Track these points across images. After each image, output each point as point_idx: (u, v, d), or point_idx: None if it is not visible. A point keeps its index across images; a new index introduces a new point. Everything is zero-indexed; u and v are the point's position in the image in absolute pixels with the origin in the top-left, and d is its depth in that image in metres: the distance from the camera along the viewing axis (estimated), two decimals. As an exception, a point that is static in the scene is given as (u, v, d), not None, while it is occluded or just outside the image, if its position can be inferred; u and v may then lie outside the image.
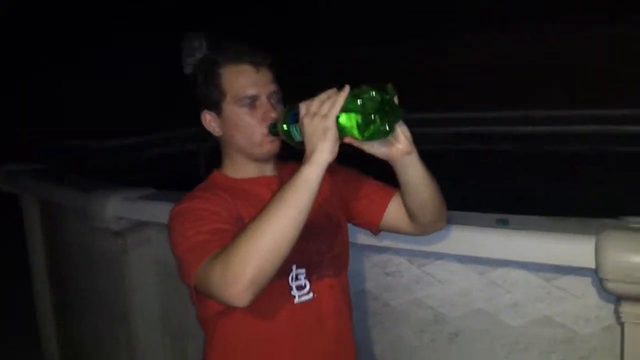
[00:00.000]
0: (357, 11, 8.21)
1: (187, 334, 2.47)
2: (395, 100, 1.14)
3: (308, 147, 1.15)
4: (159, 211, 2.37)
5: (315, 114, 1.14)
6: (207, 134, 1.49)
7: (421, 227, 1.42)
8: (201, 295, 1.28)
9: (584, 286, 1.62)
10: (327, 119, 1.13)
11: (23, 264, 3.47)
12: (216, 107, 1.38)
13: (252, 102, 1.35)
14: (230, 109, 1.36)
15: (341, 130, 1.14)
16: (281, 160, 1.47)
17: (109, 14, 8.39)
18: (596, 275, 1.50)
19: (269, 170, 1.43)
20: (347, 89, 1.14)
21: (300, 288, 1.37)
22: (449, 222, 1.64)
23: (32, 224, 3.35)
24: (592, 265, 1.49)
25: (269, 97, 1.36)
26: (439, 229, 1.47)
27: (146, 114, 6.28)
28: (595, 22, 6.46)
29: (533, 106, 4.71)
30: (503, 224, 1.68)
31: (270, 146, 1.37)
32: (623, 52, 6.43)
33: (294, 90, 1.39)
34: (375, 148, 1.22)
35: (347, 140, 1.17)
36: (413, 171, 1.27)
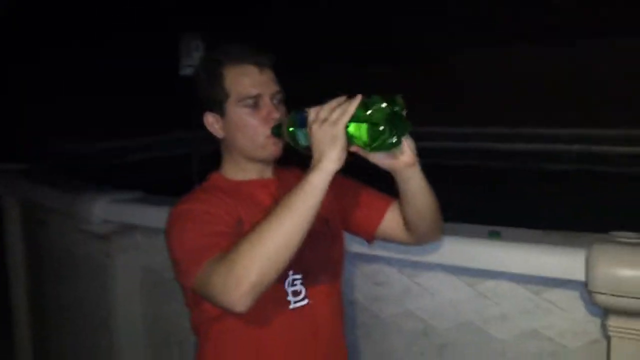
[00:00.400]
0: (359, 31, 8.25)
1: (172, 343, 2.44)
2: (404, 113, 1.15)
3: (315, 154, 1.15)
4: (147, 215, 2.36)
5: (324, 120, 1.14)
6: (202, 137, 1.49)
7: (417, 237, 1.45)
8: (197, 298, 1.27)
9: (572, 300, 1.64)
10: (336, 127, 1.13)
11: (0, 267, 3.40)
12: (219, 108, 1.38)
13: (255, 103, 1.35)
14: (233, 109, 1.36)
15: (348, 139, 1.15)
16: (279, 164, 1.48)
17: (109, 13, 8.35)
18: (585, 288, 1.53)
19: (268, 173, 1.44)
20: (358, 97, 1.14)
21: (296, 294, 1.36)
22: (444, 232, 1.68)
23: (12, 226, 3.30)
24: (582, 278, 1.52)
25: (271, 98, 1.37)
26: (434, 239, 1.50)
27: (141, 117, 6.24)
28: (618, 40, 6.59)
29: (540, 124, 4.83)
30: (495, 236, 1.70)
31: (274, 148, 1.37)
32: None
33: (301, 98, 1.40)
34: (379, 158, 1.24)
35: (353, 149, 1.18)
36: (414, 182, 1.30)
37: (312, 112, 1.17)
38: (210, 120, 1.40)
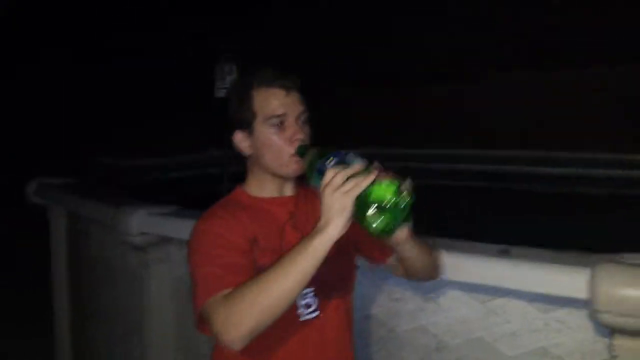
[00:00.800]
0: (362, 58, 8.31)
1: (199, 353, 2.54)
2: (411, 203, 1.22)
3: (323, 217, 1.23)
4: (181, 227, 2.48)
5: (337, 188, 1.22)
6: (232, 156, 1.60)
7: (416, 279, 1.60)
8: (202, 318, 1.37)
9: (581, 319, 1.67)
10: (347, 198, 1.21)
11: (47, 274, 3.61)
12: (248, 127, 1.47)
13: (281, 123, 1.44)
14: (261, 129, 1.45)
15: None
16: (301, 181, 1.56)
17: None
18: (591, 307, 1.56)
19: (289, 190, 1.52)
20: (373, 174, 1.22)
21: (307, 306, 1.44)
22: (455, 250, 1.76)
23: (58, 235, 3.50)
24: (587, 298, 1.56)
25: (297, 118, 1.45)
26: (433, 280, 1.62)
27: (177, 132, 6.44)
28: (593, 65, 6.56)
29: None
30: (504, 254, 1.76)
31: (296, 166, 1.44)
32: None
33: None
34: None
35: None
36: (409, 252, 1.43)
37: (328, 174, 1.24)
38: (240, 138, 1.50)
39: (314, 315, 1.45)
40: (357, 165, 1.25)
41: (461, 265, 1.77)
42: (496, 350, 1.81)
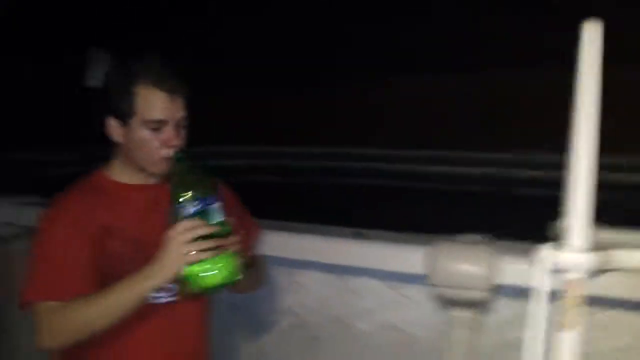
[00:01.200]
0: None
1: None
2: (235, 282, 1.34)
3: (158, 262, 1.31)
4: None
5: (181, 245, 1.28)
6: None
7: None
8: None
9: (423, 294, 1.83)
10: (184, 260, 1.29)
11: None
12: (124, 120, 1.44)
13: (158, 127, 1.42)
14: (137, 127, 1.42)
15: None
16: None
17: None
18: (430, 282, 1.71)
19: (153, 180, 1.51)
20: (214, 252, 1.29)
21: (166, 290, 1.45)
22: (314, 233, 1.86)
23: None
24: (426, 273, 1.71)
25: (176, 124, 1.44)
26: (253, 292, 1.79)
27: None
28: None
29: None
30: (358, 236, 1.89)
31: (164, 167, 1.44)
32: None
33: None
34: None
35: None
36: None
37: (181, 225, 1.29)
38: (113, 125, 1.46)
39: (172, 299, 1.47)
40: (213, 226, 1.30)
41: (319, 247, 1.88)
42: (352, 326, 1.93)
